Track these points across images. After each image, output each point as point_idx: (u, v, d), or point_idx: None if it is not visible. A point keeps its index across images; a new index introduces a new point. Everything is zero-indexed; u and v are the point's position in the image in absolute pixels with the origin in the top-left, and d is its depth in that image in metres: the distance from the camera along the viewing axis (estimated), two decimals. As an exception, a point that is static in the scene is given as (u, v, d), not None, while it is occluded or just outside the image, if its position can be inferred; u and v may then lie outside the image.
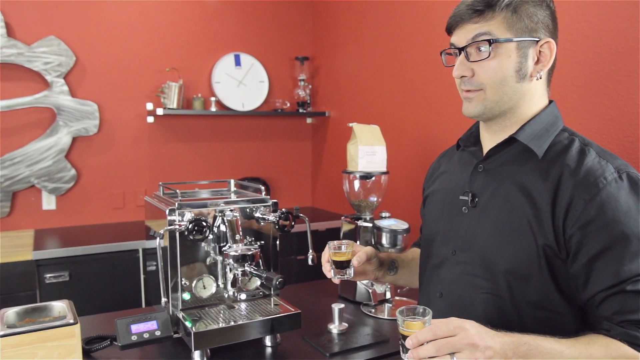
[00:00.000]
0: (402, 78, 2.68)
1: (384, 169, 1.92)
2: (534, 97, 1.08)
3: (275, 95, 3.55)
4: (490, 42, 1.01)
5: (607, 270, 0.94)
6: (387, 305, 1.76)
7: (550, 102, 1.12)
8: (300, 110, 3.51)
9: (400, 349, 0.93)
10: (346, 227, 1.88)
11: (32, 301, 2.37)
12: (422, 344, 0.87)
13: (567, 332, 0.95)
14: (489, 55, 1.02)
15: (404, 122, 2.66)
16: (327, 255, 1.28)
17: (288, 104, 3.52)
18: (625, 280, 0.92)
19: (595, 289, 0.95)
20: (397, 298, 1.85)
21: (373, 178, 1.89)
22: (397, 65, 2.72)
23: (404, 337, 0.91)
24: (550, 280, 0.99)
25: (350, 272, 1.26)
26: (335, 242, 1.26)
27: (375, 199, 1.92)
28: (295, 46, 3.60)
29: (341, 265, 1.25)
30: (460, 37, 1.06)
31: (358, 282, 1.80)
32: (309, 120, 3.71)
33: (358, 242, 1.83)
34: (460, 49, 1.06)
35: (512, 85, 1.05)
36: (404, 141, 2.62)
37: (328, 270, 1.28)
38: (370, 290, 1.78)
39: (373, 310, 1.73)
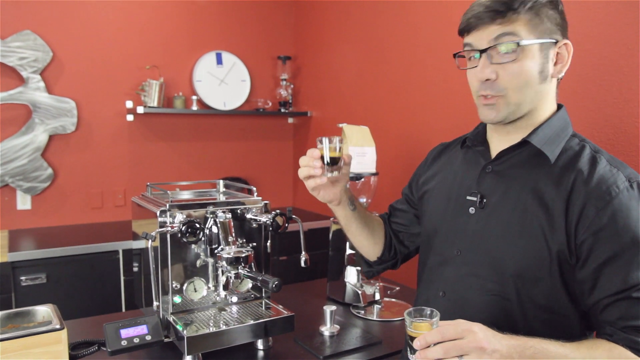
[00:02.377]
0: (385, 79, 2.68)
1: (374, 170, 1.91)
2: (549, 98, 1.09)
3: (257, 95, 3.51)
4: (518, 43, 1.00)
5: (615, 276, 0.95)
6: (376, 307, 1.76)
7: (560, 106, 1.12)
8: (282, 110, 3.49)
9: (407, 349, 0.93)
10: (335, 227, 1.87)
11: (8, 305, 2.29)
12: (430, 346, 0.87)
13: (572, 335, 0.96)
14: (517, 56, 1.01)
15: (388, 122, 2.66)
16: (316, 152, 1.19)
17: (270, 104, 3.49)
18: (633, 286, 0.93)
19: (602, 295, 0.96)
20: (386, 299, 1.85)
21: (362, 179, 1.88)
22: (380, 66, 2.72)
23: (412, 338, 0.91)
24: (560, 284, 1.00)
25: (341, 170, 1.21)
26: (327, 137, 1.19)
27: (364, 200, 1.92)
28: (278, 45, 3.57)
29: (334, 162, 1.19)
30: (481, 39, 1.04)
31: (347, 284, 1.79)
32: (290, 120, 3.68)
33: (347, 244, 1.82)
34: (482, 51, 1.04)
35: (534, 87, 1.04)
36: (388, 142, 2.62)
37: (320, 166, 1.19)
38: (359, 292, 1.78)
39: (362, 312, 1.72)
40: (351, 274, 1.80)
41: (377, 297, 1.80)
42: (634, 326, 0.93)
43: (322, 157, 1.19)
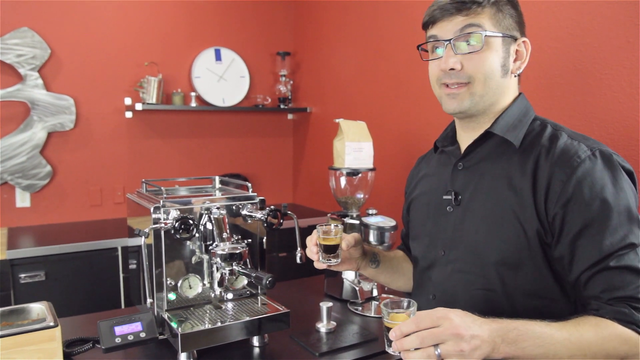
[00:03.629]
0: (385, 74, 2.67)
1: (371, 166, 1.90)
2: (510, 93, 1.12)
3: (256, 91, 3.50)
4: (483, 35, 1.03)
5: (590, 246, 0.95)
6: (373, 303, 1.75)
7: (519, 94, 1.14)
8: (282, 106, 3.47)
9: (385, 341, 0.93)
10: (333, 223, 1.86)
11: (7, 302, 2.30)
12: (406, 336, 0.86)
13: (562, 318, 0.94)
14: (482, 47, 1.03)
15: (387, 118, 2.65)
16: (314, 238, 1.24)
17: (269, 100, 3.48)
18: (609, 255, 0.93)
19: (581, 268, 0.96)
20: (384, 295, 1.84)
21: (360, 174, 1.87)
22: (379, 62, 2.71)
23: (388, 330, 0.90)
24: (544, 267, 1.00)
25: (338, 258, 1.23)
26: (324, 226, 1.22)
27: (361, 195, 1.90)
28: (277, 41, 3.56)
29: (329, 250, 1.22)
30: (446, 30, 1.06)
31: (345, 280, 1.78)
32: (290, 116, 3.67)
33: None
34: (446, 41, 1.06)
35: (497, 80, 1.07)
36: (387, 138, 2.61)
37: (315, 252, 1.24)
38: (357, 288, 1.76)
39: (360, 309, 1.71)
40: (348, 271, 1.79)
41: (375, 293, 1.79)
42: (618, 297, 0.92)
43: (321, 245, 1.23)
